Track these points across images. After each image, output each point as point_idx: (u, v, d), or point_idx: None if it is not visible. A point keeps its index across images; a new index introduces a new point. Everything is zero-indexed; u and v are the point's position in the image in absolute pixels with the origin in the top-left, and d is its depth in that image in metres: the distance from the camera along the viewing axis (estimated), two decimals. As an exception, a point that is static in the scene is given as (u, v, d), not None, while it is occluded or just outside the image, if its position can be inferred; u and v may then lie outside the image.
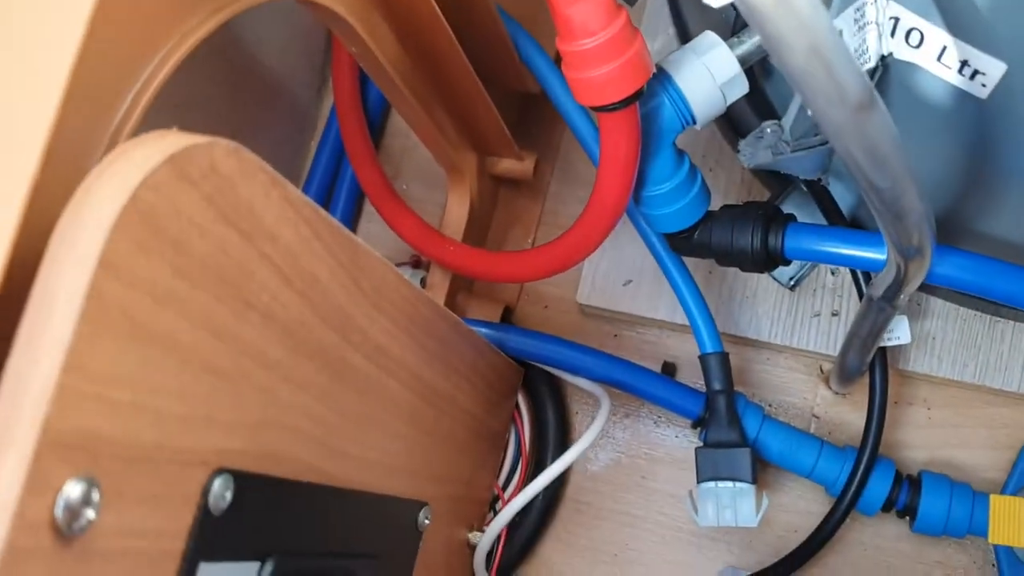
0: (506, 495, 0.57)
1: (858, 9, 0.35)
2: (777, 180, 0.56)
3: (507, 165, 0.59)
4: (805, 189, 0.54)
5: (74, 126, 0.27)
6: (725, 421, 0.51)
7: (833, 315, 0.56)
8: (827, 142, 0.37)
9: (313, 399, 0.34)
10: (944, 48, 0.33)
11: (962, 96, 0.36)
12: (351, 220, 0.65)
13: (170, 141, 0.25)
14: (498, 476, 0.57)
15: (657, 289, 0.58)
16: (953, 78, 0.34)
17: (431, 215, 0.64)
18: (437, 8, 0.43)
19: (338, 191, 0.65)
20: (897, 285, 0.41)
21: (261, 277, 0.29)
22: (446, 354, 0.46)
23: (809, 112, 0.27)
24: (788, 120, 0.35)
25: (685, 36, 0.58)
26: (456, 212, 0.57)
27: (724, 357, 0.52)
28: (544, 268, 0.50)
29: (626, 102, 0.39)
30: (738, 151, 0.38)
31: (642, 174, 0.44)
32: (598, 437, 0.52)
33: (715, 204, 0.46)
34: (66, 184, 0.26)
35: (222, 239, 0.27)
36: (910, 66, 0.35)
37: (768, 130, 0.35)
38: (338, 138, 0.65)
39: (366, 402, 0.38)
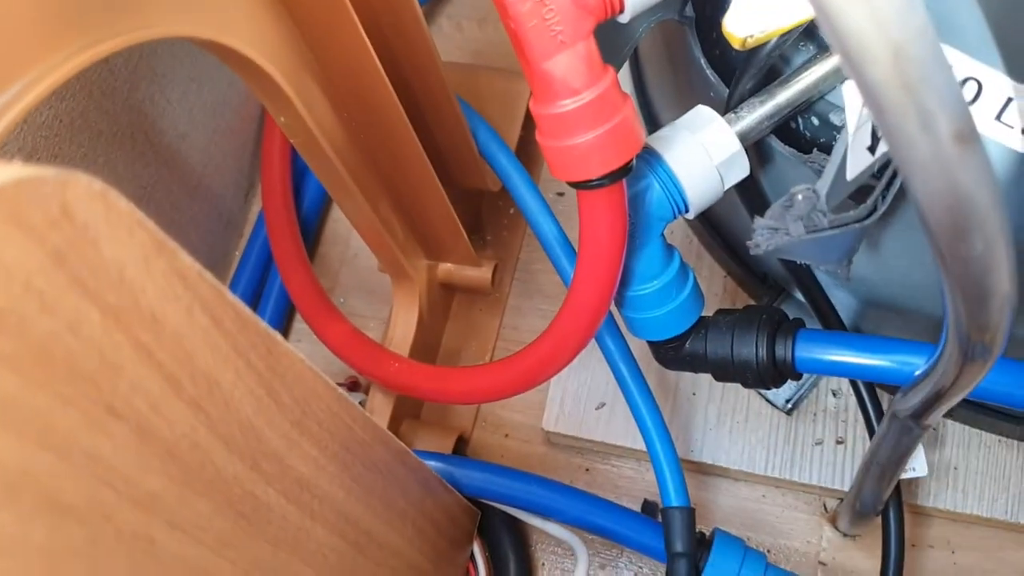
0: (458, 668, 0.47)
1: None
2: (766, 288, 0.50)
3: (462, 273, 0.52)
4: (801, 298, 0.48)
5: None
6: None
7: (838, 443, 0.49)
8: (867, 216, 0.31)
9: (209, 551, 0.25)
10: (1007, 102, 0.28)
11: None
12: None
13: (1, 173, 0.17)
14: (449, 644, 0.47)
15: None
16: (1017, 142, 0.28)
17: (373, 332, 0.57)
18: (379, 66, 0.36)
19: (264, 303, 0.56)
20: (935, 398, 0.34)
21: (133, 375, 0.21)
22: (387, 490, 0.37)
23: (880, 145, 0.20)
24: (824, 185, 0.29)
25: (653, 118, 0.53)
26: (402, 324, 0.50)
27: (689, 513, 0.43)
28: (505, 387, 0.42)
29: (612, 177, 0.32)
30: (753, 230, 0.32)
31: (625, 270, 0.37)
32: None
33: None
34: None
35: (75, 314, 0.19)
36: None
37: (800, 197, 0.29)
38: (265, 245, 0.57)
39: (281, 554, 0.29)
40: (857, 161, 0.29)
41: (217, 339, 0.24)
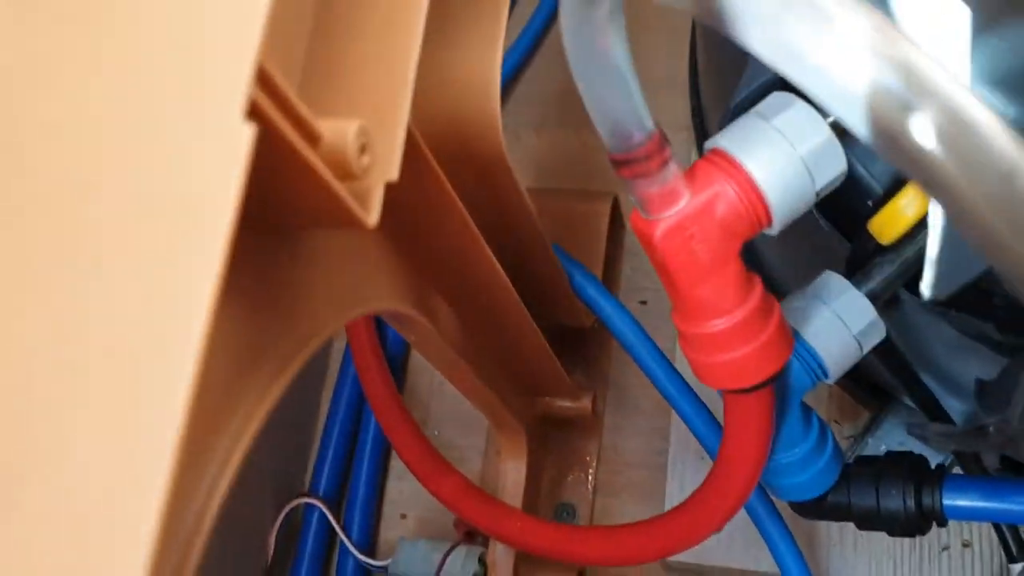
0: None
1: None
2: (874, 395, 0.49)
3: (562, 405, 0.51)
4: (911, 404, 0.47)
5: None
6: None
7: (964, 546, 0.48)
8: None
9: None
10: None
11: None
12: (378, 481, 0.56)
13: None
14: None
15: (755, 535, 0.49)
16: None
17: (472, 464, 0.56)
18: (499, 267, 0.36)
19: (361, 448, 0.56)
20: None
21: None
22: None
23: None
24: (1016, 410, 0.28)
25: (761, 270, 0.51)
26: (512, 472, 0.49)
27: None
28: (646, 551, 0.42)
29: (765, 383, 0.31)
30: (925, 438, 0.31)
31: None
32: None
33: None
34: None
35: None
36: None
37: (992, 429, 0.28)
38: (355, 384, 0.56)
39: None
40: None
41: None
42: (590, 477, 0.55)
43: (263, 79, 0.18)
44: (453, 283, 0.36)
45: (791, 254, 0.48)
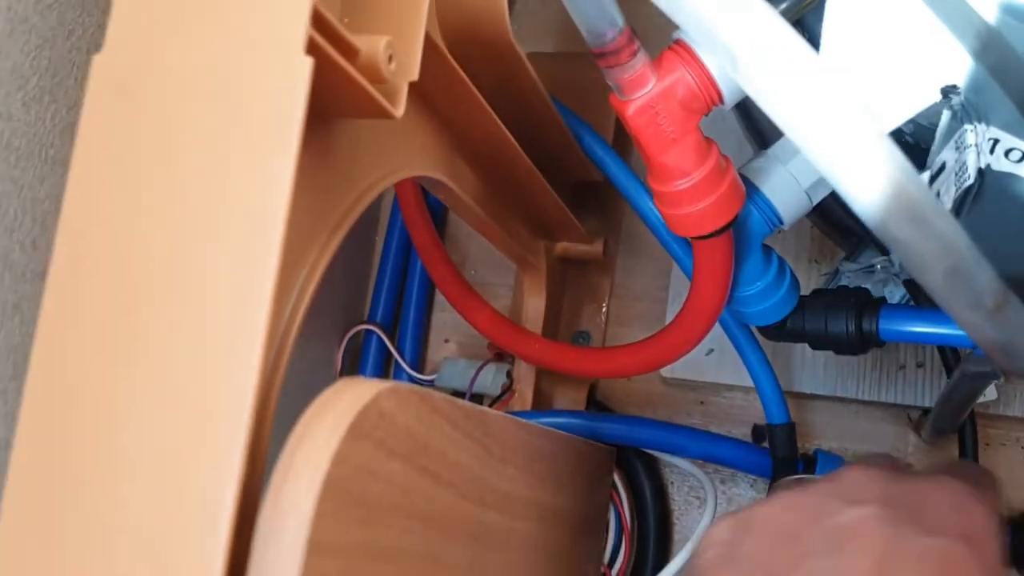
0: (613, 573, 0.58)
1: (959, 137, 0.35)
2: (850, 240, 0.57)
3: (577, 248, 0.60)
4: (877, 245, 0.55)
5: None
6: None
7: (918, 366, 0.57)
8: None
9: (462, 572, 0.35)
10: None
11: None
12: (425, 312, 0.66)
13: (344, 407, 0.26)
14: (602, 559, 0.58)
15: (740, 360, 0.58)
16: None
17: (503, 299, 0.65)
18: (508, 134, 0.43)
19: (410, 285, 0.66)
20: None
21: (419, 488, 0.30)
22: (554, 469, 0.47)
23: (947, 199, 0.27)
24: (898, 257, 0.35)
25: (758, 134, 0.58)
26: (533, 306, 0.58)
27: (791, 427, 0.53)
28: (634, 367, 0.51)
29: (722, 230, 0.39)
30: (838, 269, 0.39)
31: (733, 277, 0.45)
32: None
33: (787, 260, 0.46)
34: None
35: (390, 474, 0.28)
36: (1008, 175, 0.36)
37: (879, 267, 0.36)
38: (403, 231, 0.65)
39: (503, 556, 0.39)
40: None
41: (458, 437, 0.33)
42: (603, 309, 0.64)
43: (317, 19, 0.26)
44: (473, 151, 0.44)
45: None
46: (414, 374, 0.65)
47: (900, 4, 0.37)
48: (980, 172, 0.37)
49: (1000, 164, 0.36)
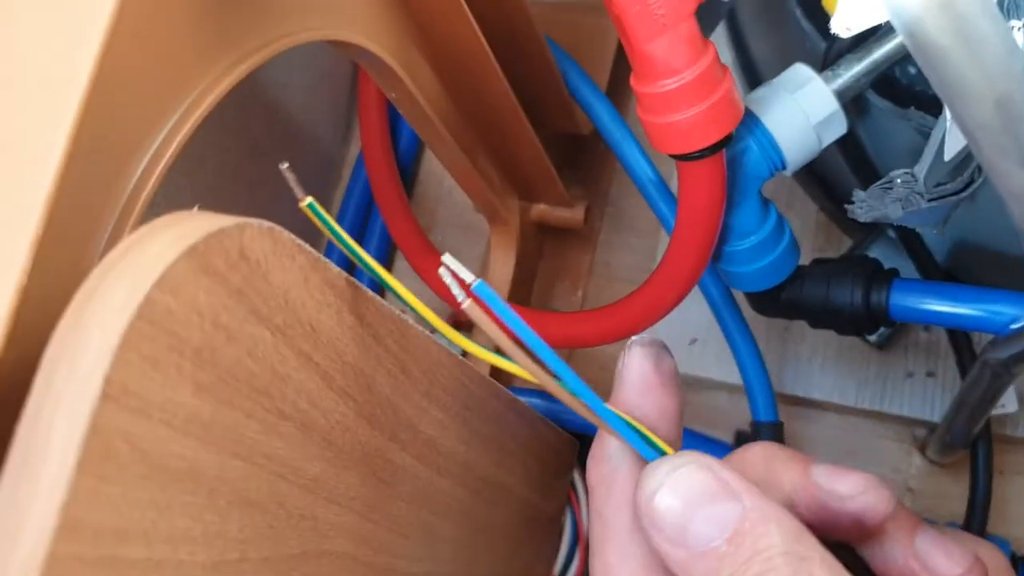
0: (563, 584, 0.51)
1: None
2: (859, 225, 0.51)
3: (555, 213, 0.54)
4: (893, 235, 0.49)
5: (76, 201, 0.22)
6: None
7: (928, 376, 0.50)
8: (964, 189, 0.32)
9: (358, 516, 0.28)
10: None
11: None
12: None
13: (190, 227, 0.19)
14: (553, 565, 0.51)
15: (727, 349, 0.52)
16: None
17: (471, 267, 0.59)
18: (482, 38, 0.38)
19: (366, 245, 0.59)
20: (1030, 351, 0.35)
21: (297, 380, 0.24)
22: (499, 437, 0.40)
23: (982, 168, 0.21)
24: (922, 169, 0.29)
25: (752, 72, 0.52)
26: (501, 265, 0.52)
27: (778, 427, 0.47)
28: (605, 334, 0.44)
29: (713, 149, 0.33)
30: (851, 202, 0.33)
31: (724, 227, 0.39)
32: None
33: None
34: (66, 275, 0.21)
35: (252, 340, 0.22)
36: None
37: (899, 180, 0.30)
38: (366, 187, 0.59)
39: (414, 509, 0.32)
40: (955, 142, 0.29)
41: (361, 333, 0.27)
42: (579, 288, 0.57)
43: None
44: (436, 48, 0.38)
45: (777, 56, 0.48)
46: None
47: None
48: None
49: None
